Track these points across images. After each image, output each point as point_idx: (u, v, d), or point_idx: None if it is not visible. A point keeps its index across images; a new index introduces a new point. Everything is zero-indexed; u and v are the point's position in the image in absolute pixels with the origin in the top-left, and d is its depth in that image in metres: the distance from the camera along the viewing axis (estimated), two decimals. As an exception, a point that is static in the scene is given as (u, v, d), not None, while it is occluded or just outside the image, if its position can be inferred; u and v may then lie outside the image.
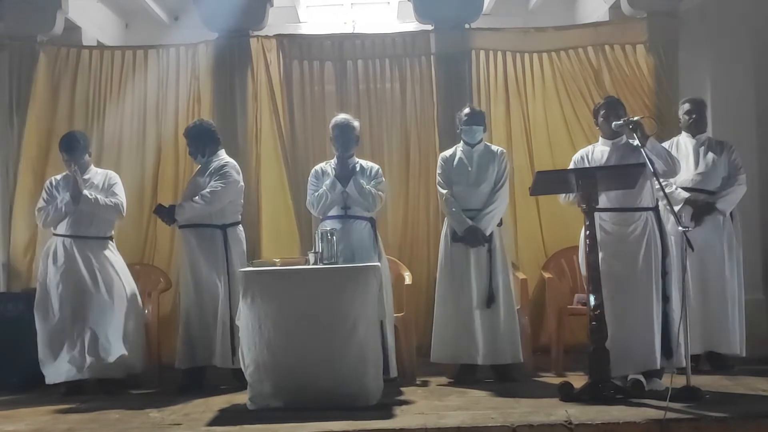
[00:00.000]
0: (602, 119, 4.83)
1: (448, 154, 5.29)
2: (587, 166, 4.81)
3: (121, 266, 5.21)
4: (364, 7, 8.33)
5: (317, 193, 5.08)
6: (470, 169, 5.16)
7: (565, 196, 4.84)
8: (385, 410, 4.19)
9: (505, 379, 5.01)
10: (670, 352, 4.50)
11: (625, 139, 4.72)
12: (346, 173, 5.06)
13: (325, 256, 4.62)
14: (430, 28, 6.33)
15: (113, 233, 5.30)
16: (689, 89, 5.81)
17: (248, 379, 4.38)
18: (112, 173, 5.32)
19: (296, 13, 8.08)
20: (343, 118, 5.18)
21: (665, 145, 4.98)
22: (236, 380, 4.85)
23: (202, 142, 5.28)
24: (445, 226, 5.22)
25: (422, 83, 6.25)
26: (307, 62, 6.30)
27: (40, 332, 5.04)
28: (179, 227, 5.23)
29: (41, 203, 5.23)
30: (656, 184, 4.57)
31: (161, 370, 5.44)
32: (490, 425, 3.83)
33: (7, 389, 5.16)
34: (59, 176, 5.29)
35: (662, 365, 4.52)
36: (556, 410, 4.04)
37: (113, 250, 5.23)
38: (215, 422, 4.15)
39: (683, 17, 6.08)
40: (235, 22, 6.19)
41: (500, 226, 5.17)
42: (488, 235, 5.04)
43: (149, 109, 6.24)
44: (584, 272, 4.59)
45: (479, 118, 5.23)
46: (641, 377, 4.48)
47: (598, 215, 4.55)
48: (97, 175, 5.27)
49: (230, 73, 6.21)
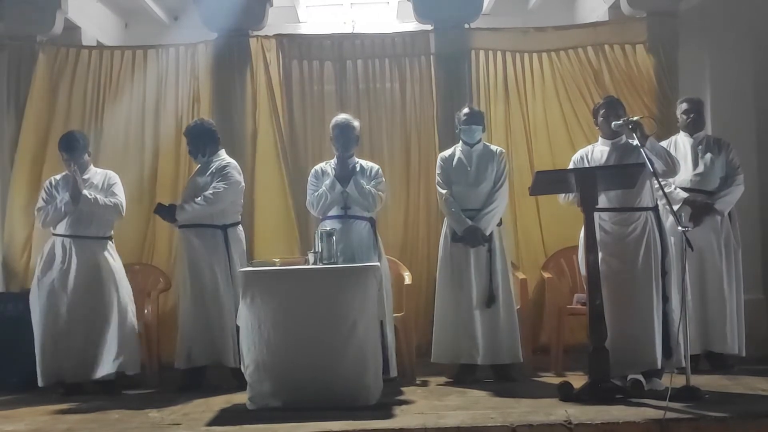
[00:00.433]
0: (602, 119, 4.83)
1: (447, 154, 5.29)
2: (587, 165, 4.81)
3: (118, 267, 5.19)
4: (363, 7, 8.33)
5: (317, 193, 5.08)
6: (469, 169, 5.16)
7: (564, 196, 4.84)
8: (384, 410, 4.19)
9: (504, 378, 5.01)
10: (669, 351, 4.50)
11: (624, 138, 4.72)
12: (346, 173, 5.06)
13: (324, 256, 4.62)
14: (429, 28, 6.33)
15: (112, 233, 5.29)
16: (689, 89, 5.81)
17: (248, 378, 4.37)
18: (111, 173, 5.31)
19: (296, 12, 8.08)
20: (343, 118, 5.18)
21: (663, 144, 4.99)
22: (236, 380, 4.84)
23: (202, 141, 5.28)
24: (444, 226, 5.22)
25: (422, 83, 6.25)
26: (306, 62, 6.30)
27: (36, 332, 5.03)
28: (179, 227, 5.23)
29: (41, 203, 5.22)
30: (656, 183, 4.57)
31: (161, 370, 5.43)
32: (489, 425, 3.83)
33: (6, 389, 5.15)
34: (59, 176, 5.28)
35: (662, 365, 4.53)
36: (555, 410, 4.03)
37: (112, 250, 5.21)
38: (215, 422, 4.15)
39: (683, 17, 6.08)
40: (234, 21, 6.19)
41: (500, 225, 5.17)
42: (488, 234, 5.04)
43: (149, 108, 6.23)
44: (584, 272, 4.58)
45: (478, 117, 5.24)
46: (641, 377, 4.48)
47: (597, 215, 4.56)
48: (96, 175, 5.26)
49: (230, 73, 6.21)
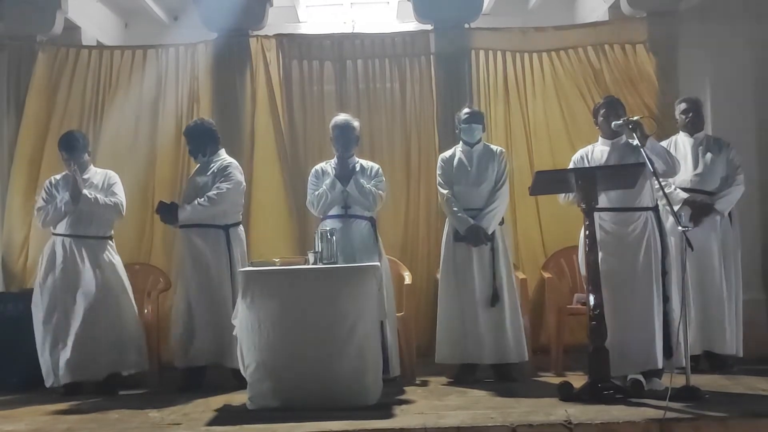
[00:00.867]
0: (602, 119, 4.83)
1: (447, 154, 5.29)
2: (587, 165, 4.81)
3: (119, 267, 5.19)
4: (363, 6, 8.32)
5: (317, 192, 5.08)
6: (470, 169, 5.16)
7: (564, 195, 4.83)
8: (384, 410, 4.19)
9: (504, 378, 5.01)
10: (670, 351, 4.50)
11: (624, 138, 4.72)
12: (346, 173, 5.06)
13: (324, 255, 4.61)
14: (429, 27, 6.33)
15: (113, 233, 5.29)
16: (689, 89, 5.80)
17: (248, 378, 4.37)
18: (111, 173, 5.31)
19: (296, 12, 8.07)
20: (343, 118, 5.18)
21: (663, 144, 4.99)
22: (236, 380, 4.84)
23: (202, 141, 5.28)
24: (447, 225, 5.22)
25: (422, 83, 6.25)
26: (306, 62, 6.30)
27: (37, 333, 5.03)
28: (180, 227, 5.22)
29: (40, 203, 5.21)
30: (656, 183, 4.57)
31: (161, 370, 5.43)
32: (489, 425, 3.82)
33: (6, 389, 5.15)
34: (59, 176, 5.28)
35: (662, 365, 4.52)
36: (555, 410, 4.03)
37: (112, 250, 5.21)
38: (215, 422, 4.15)
39: (683, 17, 6.08)
40: (234, 21, 6.19)
41: (502, 224, 5.18)
42: (490, 233, 5.05)
43: (148, 108, 6.22)
44: (584, 272, 4.58)
45: (478, 117, 5.25)
46: (640, 377, 4.48)
47: (597, 215, 4.55)
48: (96, 174, 5.26)
49: (230, 72, 6.21)
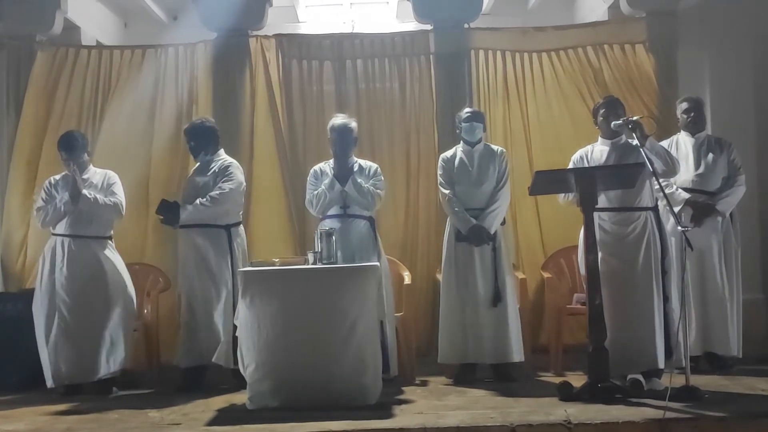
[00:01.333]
0: (601, 119, 4.84)
1: (448, 154, 5.29)
2: (586, 165, 4.81)
3: (120, 266, 5.19)
4: (363, 6, 8.32)
5: (316, 192, 5.08)
6: (471, 168, 5.17)
7: (564, 195, 4.83)
8: (384, 410, 4.19)
9: (504, 378, 5.00)
10: (669, 351, 4.50)
11: (624, 138, 4.72)
12: (344, 173, 5.06)
13: (324, 255, 4.62)
14: (429, 27, 6.32)
15: (112, 233, 5.28)
16: (688, 88, 5.80)
17: (247, 378, 4.37)
18: (111, 173, 5.30)
19: (295, 12, 8.07)
20: (340, 120, 5.17)
21: (664, 144, 4.99)
22: (236, 380, 4.84)
23: (204, 140, 5.27)
24: (448, 225, 5.21)
25: (421, 83, 6.25)
26: (306, 62, 6.30)
27: (38, 333, 5.02)
28: (181, 227, 5.20)
29: (40, 203, 5.21)
30: (656, 183, 4.57)
31: (161, 370, 5.43)
32: (489, 425, 3.83)
33: (6, 389, 5.14)
34: (58, 176, 5.27)
35: (663, 365, 4.52)
36: (555, 410, 4.03)
37: (112, 249, 5.21)
38: (214, 422, 4.15)
39: (682, 16, 6.08)
40: (234, 21, 6.18)
41: (503, 225, 5.18)
42: (492, 233, 5.05)
43: (148, 108, 6.21)
44: (583, 272, 4.58)
45: (479, 116, 5.26)
46: (640, 377, 4.48)
47: (597, 215, 4.56)
48: (96, 174, 5.25)
49: (229, 72, 6.20)
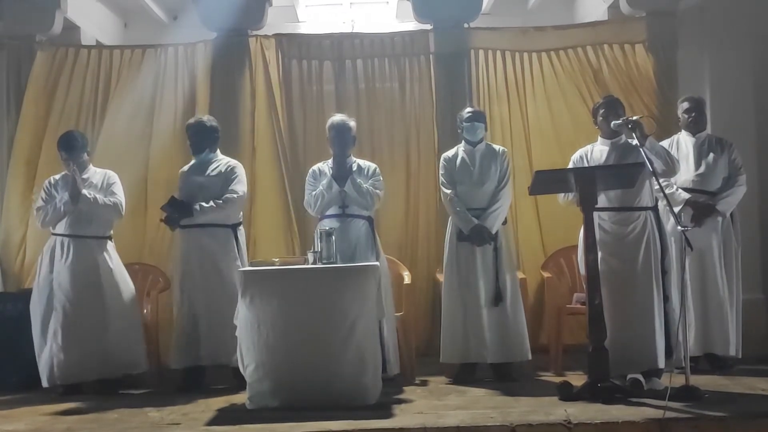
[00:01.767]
0: (601, 118, 4.83)
1: (450, 154, 5.28)
2: (586, 165, 4.81)
3: (119, 266, 5.18)
4: (363, 6, 8.33)
5: (314, 192, 5.08)
6: (473, 168, 5.16)
7: (564, 195, 4.83)
8: (384, 409, 4.19)
9: (504, 378, 5.00)
10: (670, 351, 4.51)
11: (624, 138, 4.72)
12: (343, 173, 5.05)
13: (324, 255, 4.61)
14: (429, 27, 6.33)
15: (112, 233, 5.28)
16: (688, 88, 5.80)
17: (247, 378, 4.37)
18: (110, 173, 5.29)
19: (295, 12, 8.08)
20: (339, 119, 5.17)
21: (664, 143, 4.99)
22: (235, 380, 4.83)
23: (206, 138, 5.26)
24: (450, 225, 5.20)
25: (421, 83, 6.25)
26: (305, 62, 6.30)
27: (35, 333, 5.02)
28: (182, 227, 5.15)
29: (40, 203, 5.20)
30: (655, 183, 4.57)
31: (161, 370, 5.42)
32: (489, 424, 3.82)
33: (5, 389, 5.14)
34: (58, 176, 5.27)
35: (663, 364, 4.52)
36: (555, 409, 4.03)
37: (112, 249, 5.20)
38: (214, 422, 4.15)
39: (682, 16, 6.08)
40: (233, 21, 6.19)
41: (505, 224, 5.18)
42: (494, 233, 5.05)
43: (148, 108, 6.21)
44: (583, 272, 4.58)
45: (481, 116, 5.27)
46: (640, 377, 4.48)
47: (597, 215, 4.55)
48: (95, 174, 5.25)
49: (229, 72, 6.20)
